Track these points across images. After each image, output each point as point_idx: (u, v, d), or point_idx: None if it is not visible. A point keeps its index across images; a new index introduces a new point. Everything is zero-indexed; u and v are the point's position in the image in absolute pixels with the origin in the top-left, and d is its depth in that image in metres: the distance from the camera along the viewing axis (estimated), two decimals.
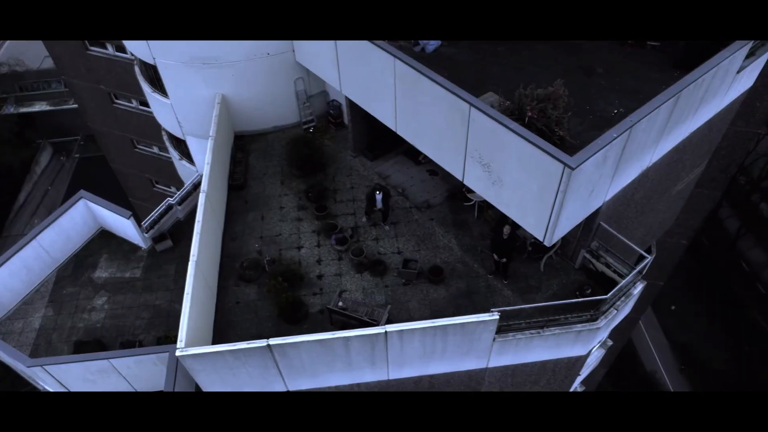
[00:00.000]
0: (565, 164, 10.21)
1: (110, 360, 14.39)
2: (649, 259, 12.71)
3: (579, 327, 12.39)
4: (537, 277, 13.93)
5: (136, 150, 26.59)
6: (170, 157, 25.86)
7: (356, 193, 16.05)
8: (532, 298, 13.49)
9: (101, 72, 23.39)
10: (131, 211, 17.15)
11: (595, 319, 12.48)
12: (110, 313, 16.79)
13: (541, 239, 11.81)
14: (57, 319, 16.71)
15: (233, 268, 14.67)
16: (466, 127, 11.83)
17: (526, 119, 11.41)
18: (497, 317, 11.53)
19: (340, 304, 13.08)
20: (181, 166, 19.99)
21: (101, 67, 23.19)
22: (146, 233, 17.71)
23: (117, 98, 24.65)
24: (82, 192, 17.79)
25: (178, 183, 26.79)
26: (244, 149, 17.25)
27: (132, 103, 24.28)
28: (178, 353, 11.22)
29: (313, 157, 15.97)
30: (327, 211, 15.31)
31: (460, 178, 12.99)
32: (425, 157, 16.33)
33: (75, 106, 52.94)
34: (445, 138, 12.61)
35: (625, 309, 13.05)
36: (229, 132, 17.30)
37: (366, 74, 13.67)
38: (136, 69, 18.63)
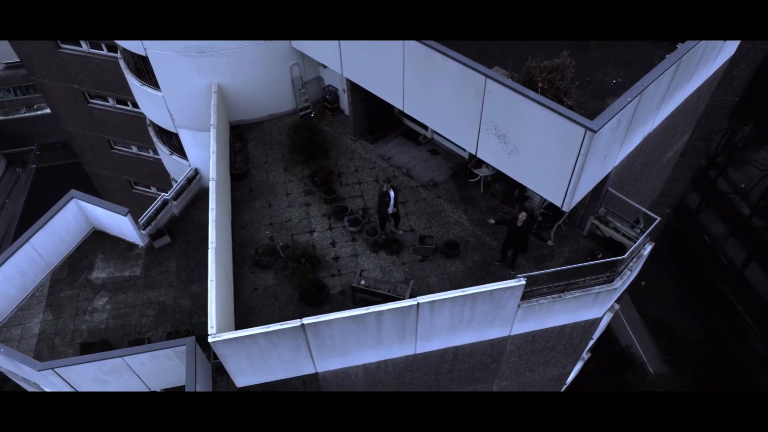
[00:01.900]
0: (587, 128, 10.55)
1: (124, 358, 14.04)
2: (658, 219, 13.24)
3: (597, 289, 12.81)
4: (548, 246, 14.29)
5: (114, 151, 25.83)
6: (150, 156, 25.33)
7: (361, 175, 16.11)
8: (546, 266, 13.84)
9: (74, 71, 22.66)
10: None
11: (612, 281, 12.92)
12: (113, 312, 16.37)
13: (559, 205, 12.15)
14: (57, 323, 16.18)
15: (246, 256, 14.53)
16: (481, 100, 12.05)
17: (538, 90, 11.72)
18: (523, 282, 11.81)
19: (362, 282, 13.13)
20: (171, 161, 19.58)
21: (75, 66, 22.47)
22: (143, 230, 17.31)
23: (92, 98, 23.90)
24: (73, 191, 17.27)
25: (159, 182, 26.25)
26: (242, 138, 17.06)
27: (109, 101, 23.59)
28: (210, 339, 11.05)
29: (315, 141, 15.93)
30: (335, 194, 15.31)
31: (473, 152, 13.22)
32: (425, 137, 16.58)
33: (28, 114, 51.10)
34: (458, 112, 12.80)
35: (636, 270, 13.55)
36: (226, 122, 17.07)
37: (371, 55, 13.74)
38: (122, 63, 18.15)
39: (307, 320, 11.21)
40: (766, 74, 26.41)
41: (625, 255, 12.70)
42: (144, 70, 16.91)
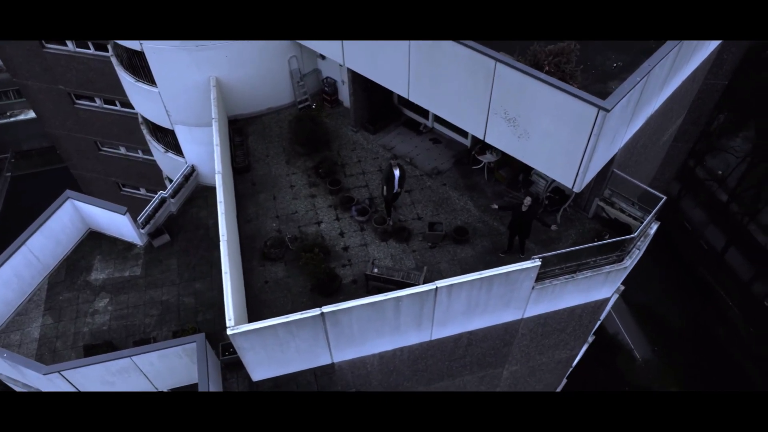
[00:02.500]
0: (601, 107, 10.68)
1: (132, 357, 13.78)
2: (664, 198, 13.48)
3: (608, 268, 12.98)
4: (555, 230, 14.42)
5: (101, 152, 25.33)
6: (139, 157, 24.92)
7: (364, 166, 16.07)
8: (555, 249, 13.93)
9: (60, 71, 22.17)
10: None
11: (621, 260, 13.10)
12: (115, 314, 16.06)
13: (570, 186, 12.27)
14: (58, 326, 15.82)
15: (255, 249, 14.38)
16: (491, 84, 12.11)
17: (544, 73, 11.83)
18: (539, 264, 11.90)
19: (375, 270, 13.10)
20: (166, 159, 19.27)
21: (60, 66, 21.99)
22: (142, 229, 17.03)
23: (78, 98, 23.41)
24: (68, 192, 16.92)
25: (149, 183, 25.85)
26: (242, 132, 16.88)
27: (96, 102, 23.14)
28: (229, 332, 10.91)
29: (318, 133, 15.85)
30: (341, 185, 15.25)
31: (481, 137, 13.27)
32: (425, 126, 16.63)
33: (1, 121, 49.75)
34: (466, 98, 12.84)
35: (643, 249, 13.75)
36: (224, 116, 16.87)
37: (375, 44, 13.71)
38: (114, 60, 17.82)
39: (326, 308, 11.14)
40: (747, 61, 27.10)
41: (635, 234, 12.88)
42: (139, 65, 16.62)
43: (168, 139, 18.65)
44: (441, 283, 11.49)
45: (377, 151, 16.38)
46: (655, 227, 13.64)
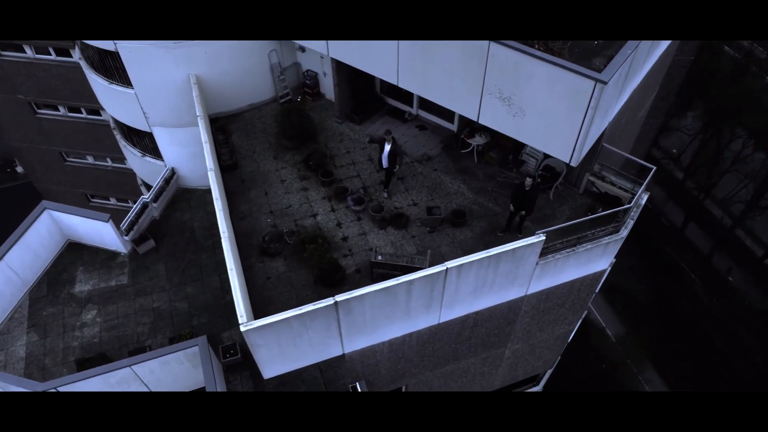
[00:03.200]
0: (598, 80, 10.91)
1: (132, 367, 13.31)
2: (654, 168, 13.88)
3: (606, 239, 13.27)
4: (549, 206, 14.68)
5: (67, 163, 24.34)
6: (108, 166, 24.10)
7: (354, 156, 15.98)
8: (550, 225, 14.16)
9: (19, 79, 21.20)
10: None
11: (618, 230, 13.42)
12: (105, 325, 15.51)
13: (567, 161, 12.50)
14: (45, 343, 15.15)
15: (252, 246, 14.10)
16: (484, 64, 12.21)
17: None
18: (543, 238, 12.07)
19: (379, 258, 13.03)
20: (144, 164, 18.67)
21: (19, 74, 21.03)
22: (125, 236, 16.48)
23: (40, 108, 22.43)
24: (44, 202, 16.27)
25: (119, 192, 25.04)
26: (225, 131, 16.52)
27: (60, 110, 22.23)
28: (243, 328, 10.64)
29: (305, 126, 15.66)
30: (333, 176, 15.11)
31: (474, 119, 13.37)
32: (410, 114, 16.66)
33: None
34: (458, 81, 12.91)
35: (635, 218, 14.10)
36: (206, 115, 16.45)
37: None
38: (83, 64, 17.17)
39: (340, 297, 11.00)
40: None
41: (632, 204, 13.22)
42: (112, 66, 16.05)
43: (145, 142, 18.08)
44: (451, 263, 11.51)
45: (364, 141, 16.30)
46: (645, 197, 14.02)
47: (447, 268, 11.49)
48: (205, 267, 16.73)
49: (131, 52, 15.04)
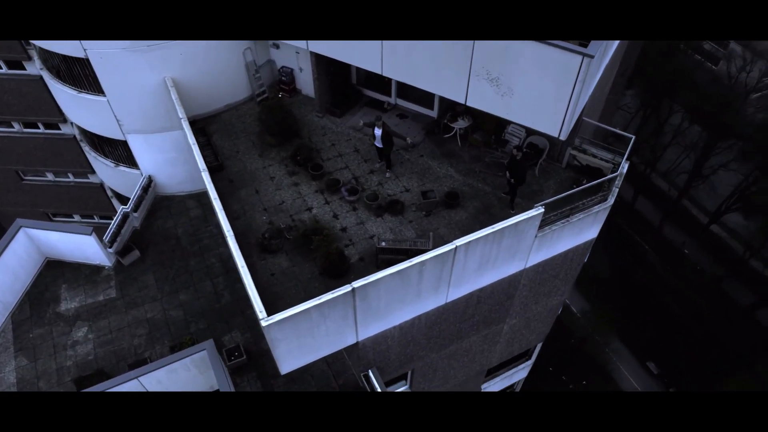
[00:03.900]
0: (585, 54, 11.40)
1: (139, 378, 12.97)
2: (633, 138, 14.59)
3: (596, 208, 13.86)
4: (536, 182, 15.18)
5: (25, 182, 23.23)
6: (70, 181, 23.20)
7: (339, 149, 16.03)
8: (540, 200, 14.66)
9: None
10: None
11: (606, 199, 14.04)
12: (99, 340, 15.05)
13: (556, 135, 13.00)
14: (36, 366, 14.57)
15: (250, 245, 13.95)
16: (471, 48, 12.53)
17: None
18: (542, 210, 12.50)
19: (383, 244, 13.17)
20: (117, 174, 18.09)
21: None
22: (109, 248, 16.00)
23: None
24: (19, 220, 15.63)
25: (84, 208, 24.16)
26: (204, 132, 16.26)
27: (14, 127, 21.21)
28: (263, 323, 10.57)
29: (288, 121, 15.61)
30: (323, 169, 15.13)
31: (462, 102, 13.69)
32: (389, 103, 16.87)
33: None
34: (445, 65, 13.18)
35: (619, 185, 14.75)
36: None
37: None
38: (45, 75, 16.52)
39: (356, 284, 11.09)
40: None
41: (617, 173, 13.85)
42: (81, 74, 15.51)
43: (119, 151, 17.55)
44: (459, 241, 11.77)
45: (348, 133, 16.38)
46: (626, 166, 14.69)
47: (456, 247, 11.74)
48: (195, 273, 16.43)
49: (102, 57, 14.61)
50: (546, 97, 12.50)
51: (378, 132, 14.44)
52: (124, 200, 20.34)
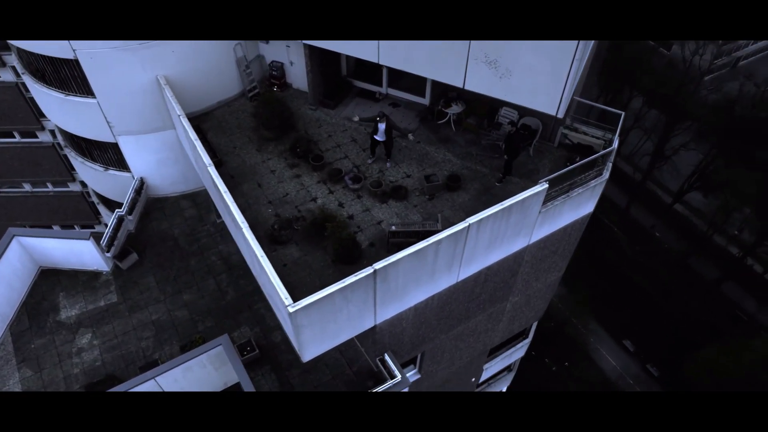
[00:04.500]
0: None
1: (156, 378, 12.82)
2: (623, 114, 15.19)
3: (594, 182, 14.39)
4: (531, 162, 15.62)
5: (0, 194, 22.47)
6: (49, 191, 22.59)
7: (337, 139, 16.15)
8: (537, 179, 15.12)
9: None
10: None
11: (602, 173, 14.58)
12: (104, 346, 14.79)
13: (554, 113, 13.47)
14: (42, 376, 14.24)
15: (259, 237, 13.81)
16: None
17: None
18: (546, 186, 12.91)
19: (393, 228, 13.37)
20: (107, 178, 17.74)
21: None
22: (107, 253, 15.73)
23: None
24: (11, 229, 15.21)
25: (62, 218, 23.54)
26: (199, 130, 16.07)
27: None
28: (291, 309, 10.61)
29: (285, 113, 15.65)
30: (323, 160, 15.23)
31: (459, 86, 14.02)
32: (380, 93, 17.10)
33: None
34: (443, 51, 13.48)
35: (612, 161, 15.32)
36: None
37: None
38: (28, 80, 16.10)
39: (377, 265, 11.25)
40: None
41: (611, 148, 14.41)
42: (69, 76, 15.20)
43: (108, 155, 17.22)
44: (472, 219, 12.06)
45: (343, 124, 16.52)
46: (617, 142, 15.28)
47: (469, 225, 12.03)
48: (196, 272, 16.30)
49: (93, 57, 14.37)
50: (544, 77, 12.94)
51: (382, 126, 14.62)
52: (111, 206, 19.96)
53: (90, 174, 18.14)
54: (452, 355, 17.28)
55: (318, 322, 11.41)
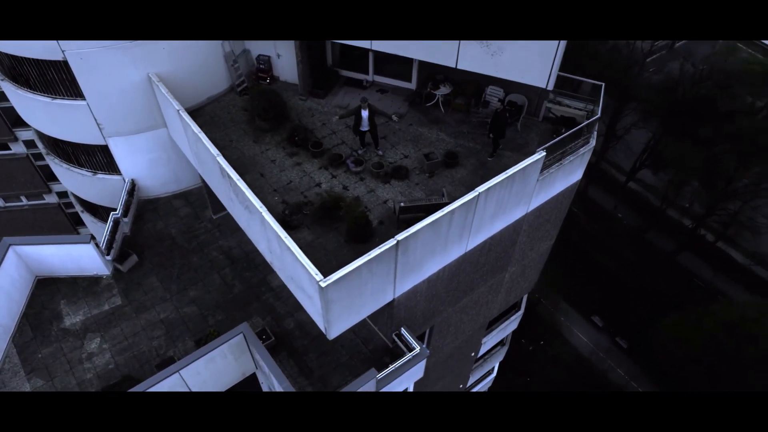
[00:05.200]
0: None
1: (180, 372, 12.81)
2: (603, 84, 16.09)
3: (582, 150, 15.20)
4: (520, 137, 16.34)
5: None
6: (24, 205, 21.91)
7: (331, 127, 16.43)
8: (526, 152, 15.86)
9: None
10: None
11: (588, 141, 15.42)
12: (115, 349, 14.63)
13: (544, 86, 14.22)
14: (54, 384, 14.00)
15: None
16: None
17: None
18: (544, 154, 13.60)
19: (402, 204, 13.77)
20: (95, 183, 17.42)
21: None
22: (107, 256, 15.55)
23: None
24: (6, 239, 14.82)
25: (40, 232, 22.85)
26: None
27: None
28: (322, 284, 10.86)
29: (280, 104, 15.85)
30: (323, 146, 15.50)
31: (452, 65, 14.58)
32: (367, 80, 17.53)
33: None
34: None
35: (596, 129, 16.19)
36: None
37: None
38: (7, 86, 15.71)
39: (400, 236, 11.64)
40: None
41: (595, 117, 15.28)
42: (56, 79, 14.95)
43: (97, 158, 16.95)
44: (481, 188, 12.61)
45: (335, 112, 16.81)
46: (599, 112, 16.16)
47: (479, 193, 12.58)
48: (199, 269, 16.28)
49: (82, 57, 14.21)
50: (534, 52, 13.65)
51: (365, 114, 14.91)
52: (98, 214, 19.60)
53: (76, 180, 17.77)
54: (457, 329, 17.81)
55: (346, 297, 11.69)
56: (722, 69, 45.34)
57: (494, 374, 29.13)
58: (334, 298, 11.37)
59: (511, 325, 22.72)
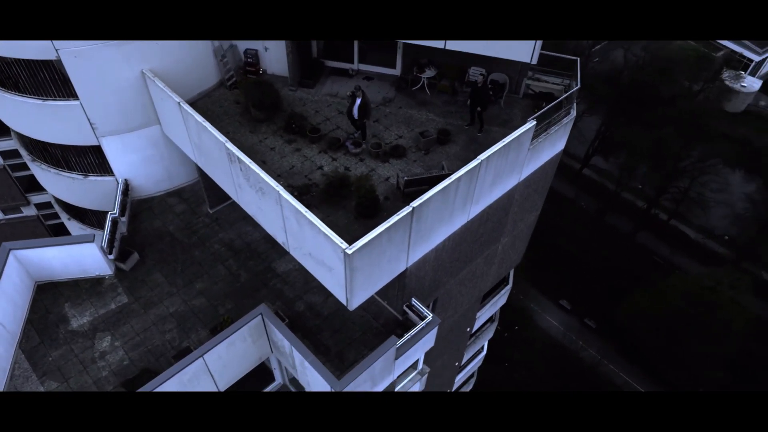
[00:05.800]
0: None
1: (204, 357, 12.97)
2: (578, 59, 17.16)
3: (565, 120, 16.17)
4: (504, 113, 17.20)
5: None
6: (1, 219, 21.33)
7: (325, 113, 16.87)
8: (511, 126, 16.71)
9: None
10: None
11: (569, 112, 16.41)
12: (128, 345, 14.62)
13: (528, 60, 15.11)
14: (69, 386, 13.90)
15: None
16: None
17: None
18: (534, 123, 14.45)
19: (405, 178, 14.34)
20: (87, 185, 17.24)
21: None
22: (110, 255, 15.50)
23: None
24: (6, 243, 14.63)
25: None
26: None
27: None
28: (349, 251, 11.26)
29: (274, 94, 16.19)
30: (320, 131, 15.92)
31: (441, 47, 15.31)
32: (352, 69, 18.11)
33: None
34: None
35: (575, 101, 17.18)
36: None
37: None
38: None
39: (415, 203, 12.18)
40: None
41: (574, 89, 16.30)
42: (48, 79, 14.86)
43: (89, 159, 16.82)
44: (482, 156, 13.33)
45: (326, 100, 17.27)
46: (576, 87, 17.19)
47: (481, 161, 13.28)
48: (203, 262, 16.39)
49: (76, 57, 14.21)
50: None
51: (357, 102, 15.33)
52: (86, 220, 19.34)
53: (65, 185, 17.54)
54: (457, 302, 18.44)
55: (367, 266, 12.13)
56: (661, 56, 48.09)
57: (485, 352, 29.92)
58: (358, 266, 11.79)
59: (501, 299, 23.56)
